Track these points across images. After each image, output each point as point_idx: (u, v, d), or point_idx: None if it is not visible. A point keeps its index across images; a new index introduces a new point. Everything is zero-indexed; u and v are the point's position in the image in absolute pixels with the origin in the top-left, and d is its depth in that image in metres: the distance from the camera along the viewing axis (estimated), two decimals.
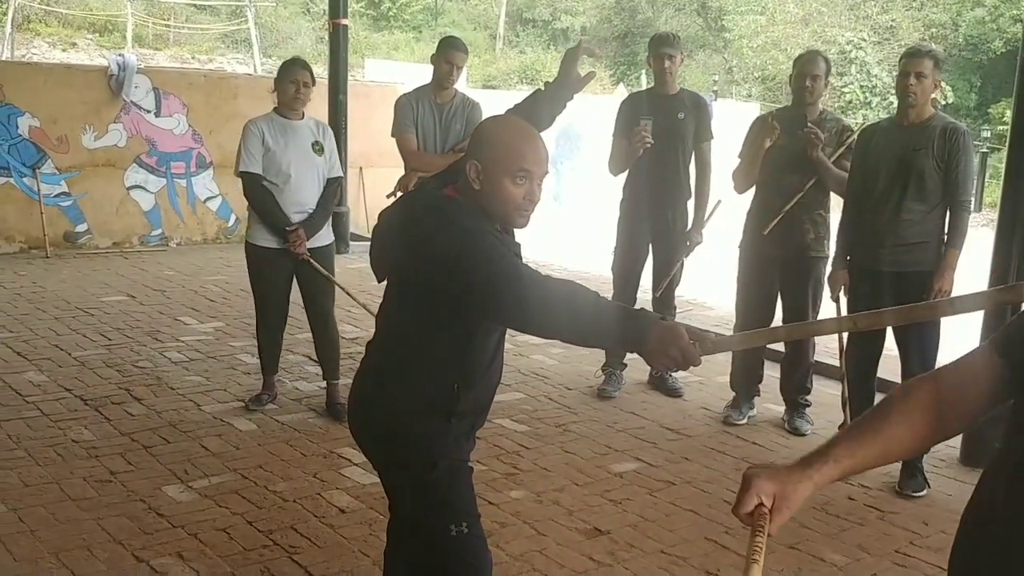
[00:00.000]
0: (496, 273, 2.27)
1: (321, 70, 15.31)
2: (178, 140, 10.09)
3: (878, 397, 4.86)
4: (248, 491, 4.32)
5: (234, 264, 9.30)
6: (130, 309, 7.40)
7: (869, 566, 3.93)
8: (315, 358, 5.91)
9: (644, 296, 6.35)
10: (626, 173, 5.91)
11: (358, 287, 6.75)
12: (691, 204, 5.95)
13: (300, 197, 5.09)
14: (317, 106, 5.34)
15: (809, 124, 5.20)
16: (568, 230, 12.87)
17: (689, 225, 5.95)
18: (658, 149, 5.65)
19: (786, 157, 5.23)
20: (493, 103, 7.38)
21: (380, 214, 2.64)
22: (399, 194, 5.55)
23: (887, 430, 1.71)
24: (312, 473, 4.56)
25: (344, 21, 8.93)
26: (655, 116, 5.69)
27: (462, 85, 16.31)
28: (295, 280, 5.26)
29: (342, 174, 5.40)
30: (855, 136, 5.22)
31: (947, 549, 4.21)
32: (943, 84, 4.79)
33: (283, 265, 5.14)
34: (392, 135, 5.55)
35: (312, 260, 5.12)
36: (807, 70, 5.27)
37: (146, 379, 5.76)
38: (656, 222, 5.90)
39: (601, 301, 2.25)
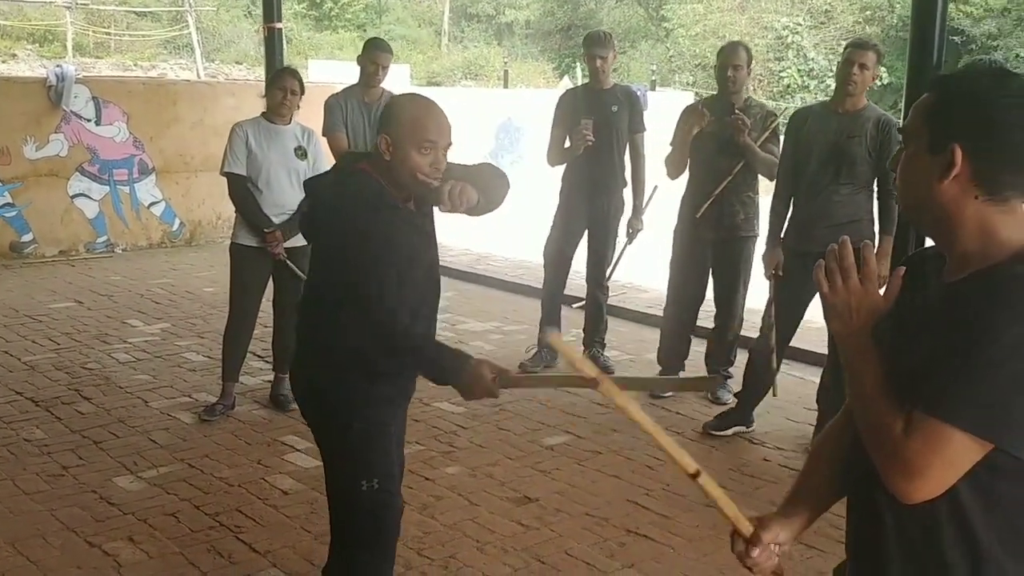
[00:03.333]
0: (369, 296, 2.65)
1: (263, 73, 15.42)
2: (119, 148, 10.20)
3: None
4: (195, 479, 4.54)
5: (179, 268, 9.47)
6: (78, 314, 7.55)
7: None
8: (259, 354, 6.13)
9: (576, 281, 6.63)
10: (564, 164, 6.20)
11: None
12: (627, 193, 6.23)
13: (280, 199, 5.27)
14: (306, 114, 5.53)
15: (736, 111, 5.49)
16: (508, 220, 13.10)
17: (627, 213, 6.24)
18: (595, 142, 5.93)
19: (715, 143, 5.52)
20: (438, 99, 7.63)
21: (308, 182, 3.02)
22: None
23: (816, 486, 1.91)
24: (256, 460, 4.78)
25: (279, 25, 9.07)
26: (591, 110, 5.97)
27: (406, 82, 16.44)
28: (271, 280, 5.45)
29: None
30: (779, 121, 5.53)
31: None
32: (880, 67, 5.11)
33: (262, 264, 5.33)
34: (323, 134, 5.76)
35: (288, 260, 5.32)
36: (729, 61, 5.57)
37: (95, 379, 5.94)
38: (592, 210, 6.18)
39: (431, 341, 2.81)
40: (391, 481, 2.91)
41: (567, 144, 6.10)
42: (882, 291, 1.69)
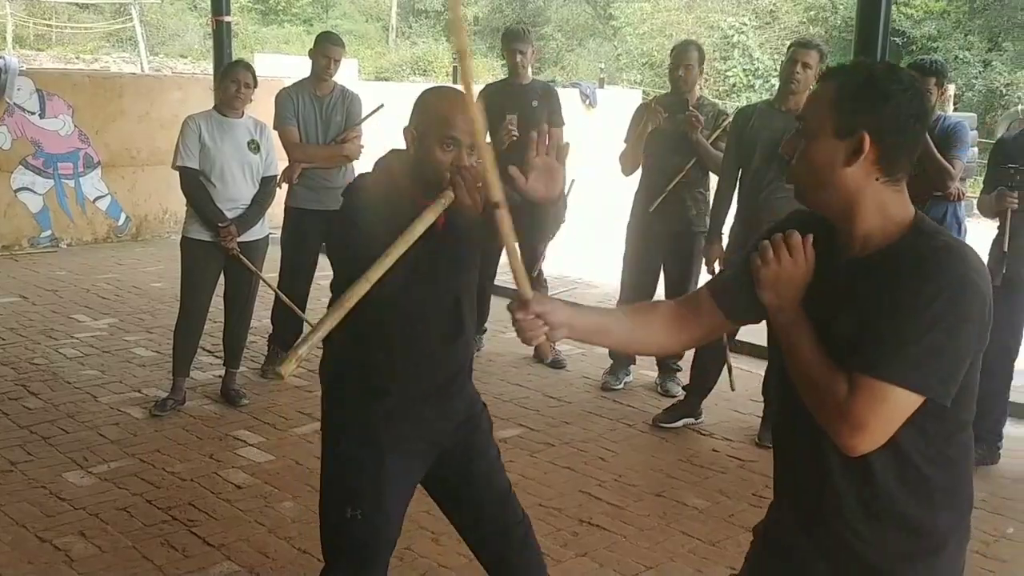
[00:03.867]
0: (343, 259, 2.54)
1: (209, 67, 15.25)
2: (64, 141, 10.05)
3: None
4: (146, 473, 4.51)
5: (125, 263, 9.37)
6: (23, 310, 7.44)
7: (728, 508, 4.32)
8: (209, 348, 6.10)
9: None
10: None
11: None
12: None
13: (234, 194, 5.25)
14: (252, 107, 5.48)
15: (690, 108, 5.57)
16: None
17: None
18: (517, 137, 5.94)
19: (668, 140, 5.59)
20: (386, 95, 7.60)
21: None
22: (284, 185, 5.79)
23: (627, 320, 2.16)
24: (208, 454, 4.76)
25: (227, 18, 9.02)
26: (512, 106, 6.01)
27: (354, 77, 16.35)
28: (223, 274, 5.42)
29: (278, 172, 5.56)
30: (730, 119, 5.63)
31: None
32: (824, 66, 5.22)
33: (214, 258, 5.29)
34: (274, 128, 5.74)
35: (241, 255, 5.28)
36: (681, 59, 5.65)
37: (42, 375, 5.87)
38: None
39: None
40: (377, 513, 2.66)
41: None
42: None
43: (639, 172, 5.82)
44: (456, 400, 2.75)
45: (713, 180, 5.69)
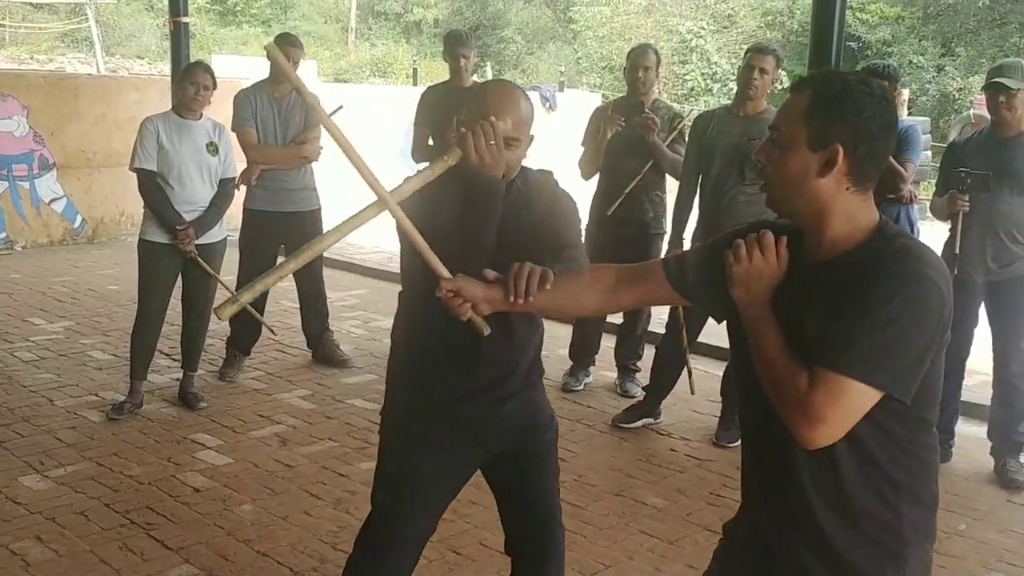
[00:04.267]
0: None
1: (165, 68, 15.13)
2: (19, 142, 9.92)
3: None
4: (104, 477, 4.48)
5: (81, 265, 9.27)
6: None
7: (686, 507, 4.36)
8: (167, 352, 6.06)
9: None
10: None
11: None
12: None
13: (192, 196, 5.22)
14: (214, 109, 5.45)
15: (647, 111, 5.61)
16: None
17: None
18: None
19: (626, 143, 5.63)
20: (345, 96, 7.60)
21: None
22: (242, 187, 5.77)
23: (574, 287, 2.23)
24: (166, 458, 4.73)
25: (185, 19, 8.95)
26: (457, 110, 5.99)
27: (313, 78, 16.24)
28: (180, 277, 5.38)
29: (237, 174, 5.52)
30: (685, 122, 5.68)
31: None
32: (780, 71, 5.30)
33: (172, 261, 5.26)
34: (232, 129, 5.71)
35: (199, 258, 5.25)
36: (639, 62, 5.69)
37: None
38: None
39: None
40: (404, 499, 2.67)
41: (431, 142, 6.12)
42: None
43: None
44: (509, 404, 2.66)
45: (670, 182, 5.75)
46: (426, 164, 2.37)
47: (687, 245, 5.33)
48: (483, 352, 2.53)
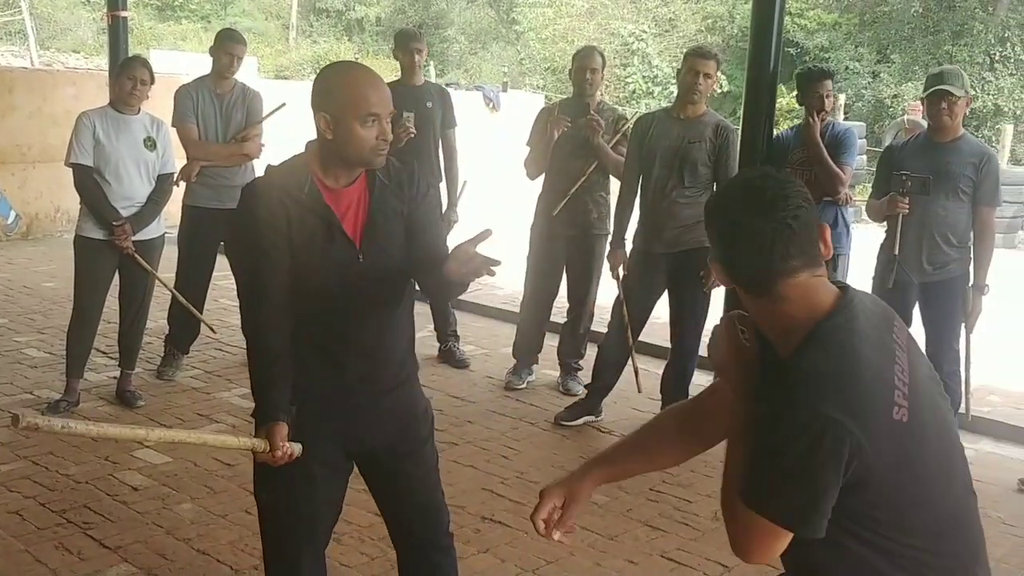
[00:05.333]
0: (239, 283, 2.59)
1: (102, 62, 14.88)
2: None
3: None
4: (39, 476, 4.41)
5: (16, 262, 9.09)
6: None
7: (626, 503, 4.41)
8: (104, 350, 5.97)
9: None
10: None
11: None
12: (442, 187, 6.27)
13: (129, 192, 5.14)
14: (153, 104, 5.38)
15: (592, 113, 5.65)
16: None
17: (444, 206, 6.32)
18: (414, 136, 5.96)
19: (570, 144, 5.66)
20: (286, 93, 7.53)
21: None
22: (181, 183, 5.70)
23: (650, 448, 2.21)
24: (104, 456, 4.67)
25: (124, 13, 8.80)
26: (408, 106, 6.01)
27: (253, 75, 16.10)
28: (117, 273, 5.30)
29: (175, 170, 5.46)
30: (630, 124, 5.74)
31: (694, 486, 4.79)
32: (719, 75, 5.38)
33: (109, 257, 5.18)
34: (172, 125, 5.65)
35: (136, 254, 5.18)
36: (586, 64, 5.73)
37: None
38: None
39: (266, 373, 2.52)
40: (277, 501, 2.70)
41: None
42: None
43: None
44: (386, 400, 2.67)
45: (613, 183, 5.80)
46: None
47: (628, 246, 5.40)
48: (351, 344, 2.58)
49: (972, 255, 4.95)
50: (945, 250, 4.91)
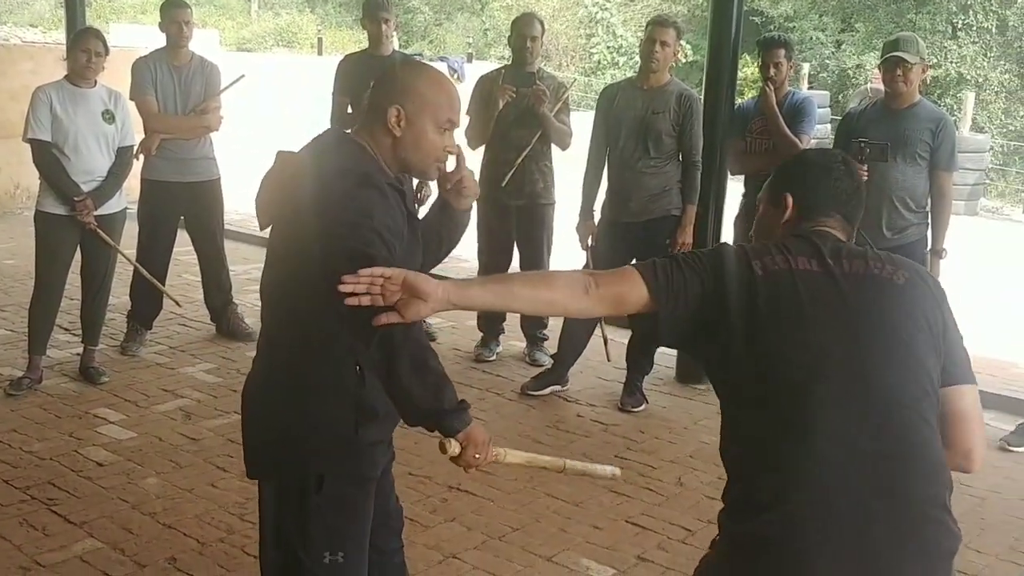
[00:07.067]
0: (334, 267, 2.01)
1: (60, 36, 14.69)
2: None
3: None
4: (2, 453, 4.38)
5: None
6: None
7: None
8: (66, 326, 5.92)
9: None
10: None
11: None
12: None
13: (89, 166, 5.09)
14: (109, 78, 5.31)
15: (537, 83, 5.63)
16: None
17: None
18: None
19: (513, 113, 5.63)
20: (248, 66, 7.48)
21: (279, 155, 2.40)
22: (141, 157, 5.65)
23: (548, 290, 2.08)
24: (68, 433, 4.65)
25: None
26: (375, 76, 5.93)
27: (215, 47, 15.90)
28: (79, 249, 5.26)
29: (135, 142, 5.41)
30: (569, 92, 5.72)
31: (658, 452, 4.83)
32: (684, 44, 5.38)
33: (70, 233, 5.14)
34: (131, 98, 5.59)
35: (99, 229, 5.13)
36: (526, 32, 5.70)
37: None
38: None
39: (440, 367, 2.14)
40: (359, 554, 2.42)
41: (349, 110, 6.02)
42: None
43: None
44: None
45: (555, 152, 5.79)
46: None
47: (597, 217, 5.42)
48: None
49: (930, 220, 5.01)
50: (904, 215, 4.96)
